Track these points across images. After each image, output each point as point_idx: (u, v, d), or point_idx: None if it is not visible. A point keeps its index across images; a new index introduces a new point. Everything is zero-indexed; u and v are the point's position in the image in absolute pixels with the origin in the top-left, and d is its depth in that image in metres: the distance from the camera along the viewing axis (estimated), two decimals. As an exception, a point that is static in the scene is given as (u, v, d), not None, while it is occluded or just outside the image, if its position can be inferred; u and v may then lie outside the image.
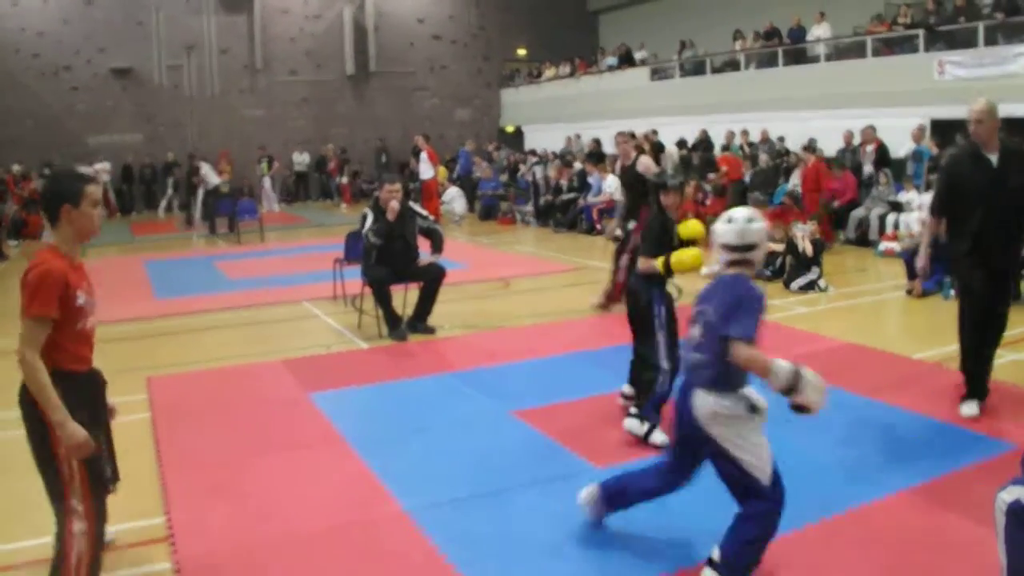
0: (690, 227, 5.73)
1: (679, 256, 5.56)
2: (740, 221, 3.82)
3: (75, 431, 3.42)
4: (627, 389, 6.11)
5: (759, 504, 3.67)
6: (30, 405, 3.49)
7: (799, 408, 3.60)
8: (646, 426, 5.51)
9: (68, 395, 3.46)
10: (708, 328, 3.71)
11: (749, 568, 3.68)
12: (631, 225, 9.47)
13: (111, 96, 25.30)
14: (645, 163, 9.38)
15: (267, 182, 24.78)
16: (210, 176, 19.78)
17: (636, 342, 5.98)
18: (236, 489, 5.00)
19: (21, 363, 3.41)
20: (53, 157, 22.43)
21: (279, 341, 8.76)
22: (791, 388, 3.54)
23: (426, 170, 18.65)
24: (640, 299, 5.78)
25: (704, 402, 3.71)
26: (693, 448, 3.85)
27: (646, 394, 5.63)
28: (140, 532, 4.48)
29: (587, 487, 4.29)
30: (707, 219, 9.81)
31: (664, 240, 5.68)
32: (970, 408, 5.92)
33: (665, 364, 5.58)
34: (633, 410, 5.67)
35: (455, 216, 20.00)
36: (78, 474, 3.51)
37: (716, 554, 3.69)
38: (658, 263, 5.58)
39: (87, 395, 3.68)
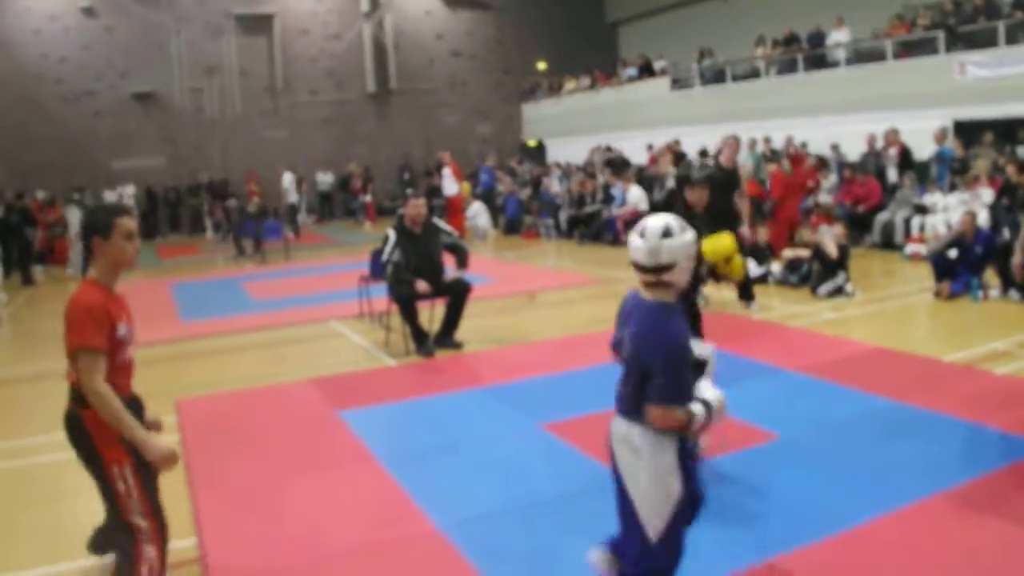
0: (718, 245, 5.23)
1: (712, 245, 5.02)
2: (653, 236, 2.99)
3: (158, 445, 3.48)
4: None
5: (640, 558, 3.09)
6: (78, 432, 3.53)
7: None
8: None
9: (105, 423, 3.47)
10: (628, 357, 3.13)
11: None
12: None
13: (134, 120, 25.62)
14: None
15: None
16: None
17: None
18: (267, 509, 5.01)
19: (90, 396, 3.40)
20: (78, 182, 22.64)
21: (306, 360, 8.78)
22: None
23: (450, 186, 18.65)
24: None
25: (618, 428, 3.17)
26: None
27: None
28: (171, 554, 4.48)
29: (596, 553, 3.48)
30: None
31: None
32: None
33: None
34: None
35: (480, 232, 20.01)
36: (135, 490, 3.54)
37: None
38: None
39: None
